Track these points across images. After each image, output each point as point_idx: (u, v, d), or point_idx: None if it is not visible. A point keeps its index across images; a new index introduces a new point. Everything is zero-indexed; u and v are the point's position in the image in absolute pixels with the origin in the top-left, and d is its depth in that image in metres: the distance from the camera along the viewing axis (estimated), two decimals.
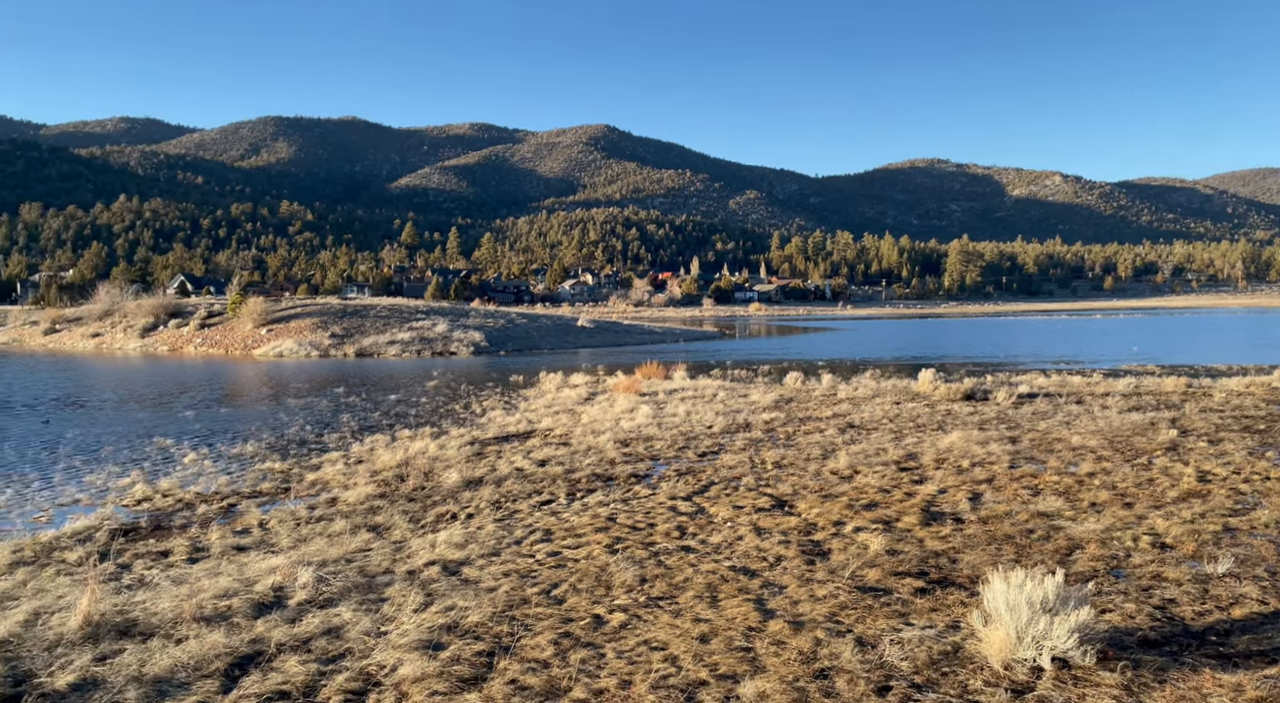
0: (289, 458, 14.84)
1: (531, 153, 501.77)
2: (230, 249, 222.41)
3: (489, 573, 7.74)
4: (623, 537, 8.92)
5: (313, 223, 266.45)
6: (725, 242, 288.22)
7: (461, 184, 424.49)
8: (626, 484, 11.80)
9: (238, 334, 48.39)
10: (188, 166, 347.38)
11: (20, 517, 10.82)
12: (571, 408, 20.17)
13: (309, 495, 11.77)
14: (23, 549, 8.92)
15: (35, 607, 6.86)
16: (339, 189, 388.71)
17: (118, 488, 12.40)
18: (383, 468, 13.27)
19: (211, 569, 8.05)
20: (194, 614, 6.59)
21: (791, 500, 10.35)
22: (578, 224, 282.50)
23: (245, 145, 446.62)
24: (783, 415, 17.89)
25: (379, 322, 49.82)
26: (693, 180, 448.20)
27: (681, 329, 69.80)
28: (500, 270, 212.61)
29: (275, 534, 9.49)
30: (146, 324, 52.87)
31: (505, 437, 16.38)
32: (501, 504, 10.69)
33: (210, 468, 13.98)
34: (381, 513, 10.35)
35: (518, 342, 50.19)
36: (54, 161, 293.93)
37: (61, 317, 60.50)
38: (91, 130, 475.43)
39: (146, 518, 10.59)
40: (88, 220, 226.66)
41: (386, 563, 8.14)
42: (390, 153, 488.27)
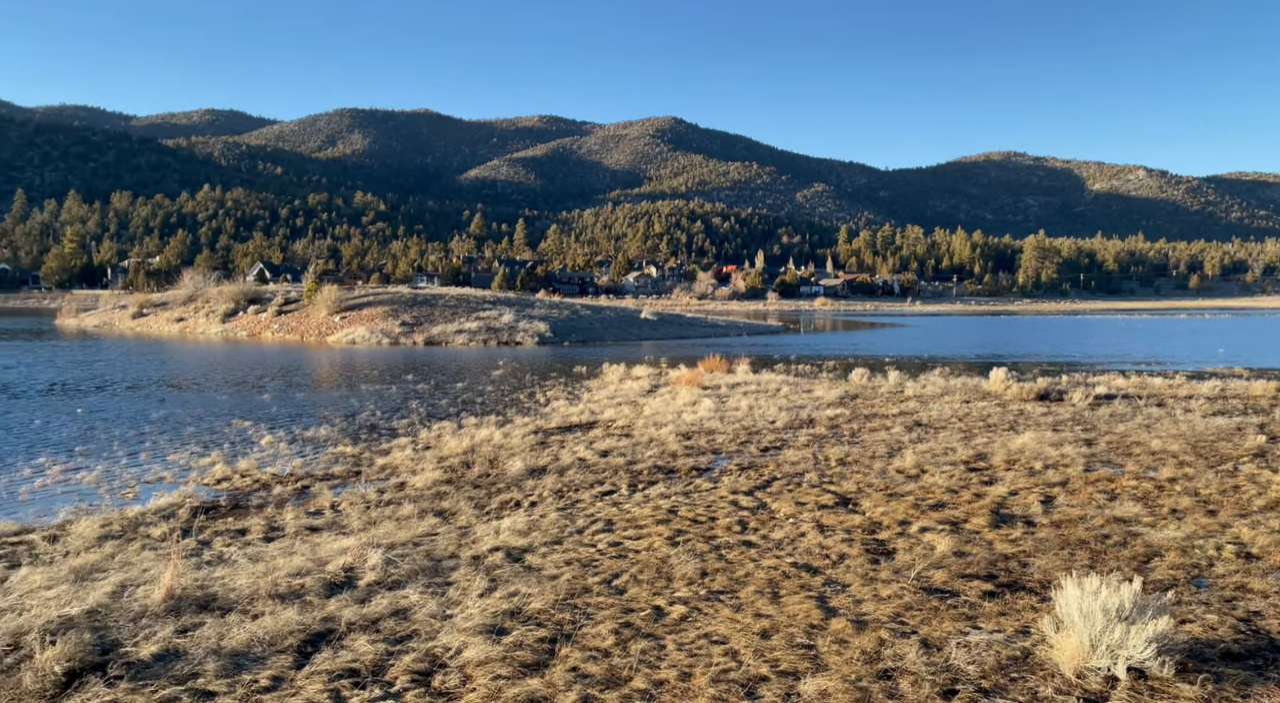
0: (360, 442, 15.23)
1: (598, 145, 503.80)
2: (307, 238, 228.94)
3: (551, 561, 7.83)
4: (684, 530, 8.92)
5: (385, 213, 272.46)
6: (791, 235, 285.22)
7: (529, 176, 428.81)
8: (688, 477, 11.80)
9: (312, 321, 49.82)
10: (268, 157, 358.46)
11: (109, 492, 11.35)
12: (634, 400, 20.24)
13: (378, 479, 12.08)
14: (111, 523, 9.36)
15: (122, 579, 7.19)
16: (411, 180, 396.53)
17: (199, 467, 12.91)
18: (449, 454, 13.53)
19: (286, 548, 8.32)
20: (269, 591, 6.83)
21: (856, 498, 10.21)
22: (643, 216, 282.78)
23: (322, 137, 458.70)
24: (847, 412, 17.65)
25: (447, 311, 50.71)
26: (759, 173, 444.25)
27: (745, 323, 69.35)
28: (565, 262, 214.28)
29: (346, 516, 9.76)
30: (227, 310, 54.82)
31: (568, 427, 16.52)
32: (564, 493, 10.80)
33: (286, 450, 14.44)
34: (448, 499, 10.55)
35: (581, 333, 50.53)
36: (143, 152, 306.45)
37: (148, 301, 63.14)
38: (178, 122, 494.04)
39: (226, 497, 11.00)
40: (174, 209, 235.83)
41: (452, 548, 8.30)
42: (461, 145, 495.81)
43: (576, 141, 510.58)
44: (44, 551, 8.31)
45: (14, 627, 6.02)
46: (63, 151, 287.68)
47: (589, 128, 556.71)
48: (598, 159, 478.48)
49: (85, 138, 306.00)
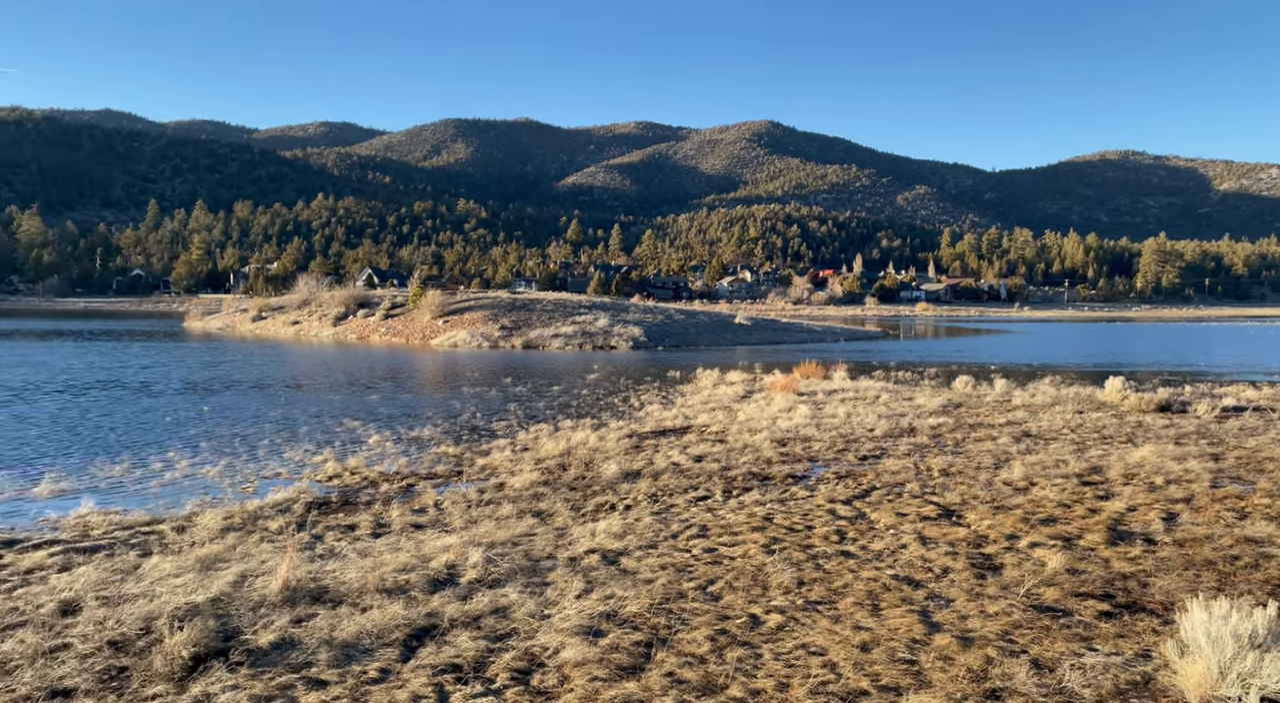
0: (461, 443, 15.65)
1: (694, 150, 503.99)
2: (412, 244, 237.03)
3: (646, 565, 7.86)
4: (779, 538, 8.82)
5: (486, 220, 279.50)
6: (891, 239, 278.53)
7: (625, 182, 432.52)
8: (783, 485, 11.65)
9: (417, 324, 51.53)
10: (377, 167, 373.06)
11: (231, 486, 12.00)
12: (728, 405, 20.13)
13: (479, 479, 12.38)
14: (233, 516, 9.90)
15: (242, 570, 7.59)
16: (511, 188, 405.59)
17: (312, 464, 13.51)
18: (546, 456, 13.76)
19: (392, 545, 8.62)
20: (377, 586, 7.09)
21: (960, 511, 9.88)
22: (737, 221, 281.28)
23: (428, 146, 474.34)
24: (951, 421, 17.10)
25: (544, 315, 51.62)
26: (858, 175, 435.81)
27: (842, 328, 68.07)
28: (660, 267, 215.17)
29: (448, 515, 10.04)
30: (338, 313, 57.27)
31: (662, 431, 16.56)
32: (658, 498, 10.83)
33: (392, 449, 14.97)
34: (545, 500, 10.72)
35: (675, 337, 50.61)
36: (263, 163, 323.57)
37: (267, 305, 66.56)
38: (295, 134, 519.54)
39: (337, 493, 11.48)
40: (290, 217, 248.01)
41: (549, 548, 8.44)
42: (559, 152, 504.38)
43: (672, 147, 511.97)
44: (172, 540, 8.86)
45: (146, 612, 6.43)
46: (192, 164, 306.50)
47: (684, 133, 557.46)
48: (693, 164, 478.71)
49: (212, 151, 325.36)
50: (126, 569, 7.76)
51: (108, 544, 8.75)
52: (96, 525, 9.55)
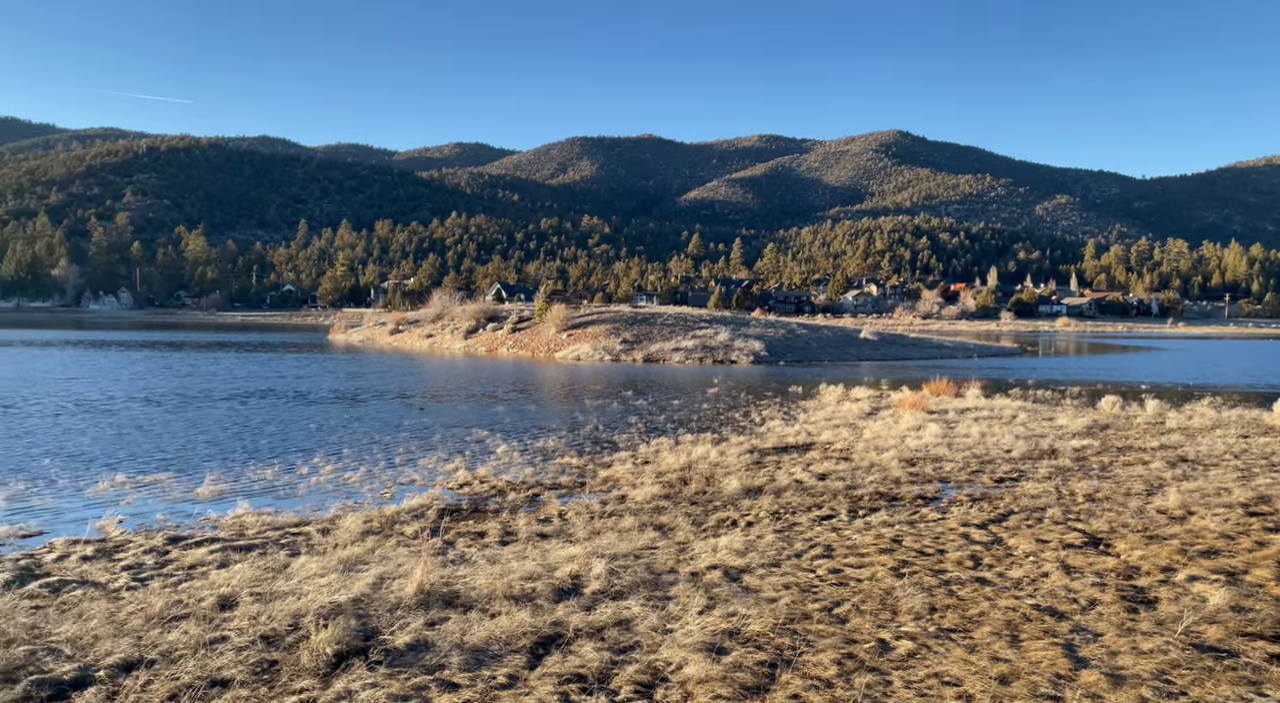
0: (584, 454, 15.92)
1: (818, 162, 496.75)
2: (538, 260, 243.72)
3: (769, 583, 7.75)
4: (909, 561, 8.51)
5: (609, 235, 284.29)
6: (1029, 250, 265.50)
7: (747, 195, 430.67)
8: (913, 506, 11.26)
9: (542, 338, 52.85)
10: (506, 186, 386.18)
11: (370, 492, 12.62)
12: (853, 422, 19.65)
13: (601, 491, 12.54)
14: (372, 520, 10.40)
15: (380, 572, 7.96)
16: (634, 203, 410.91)
17: (444, 472, 14.04)
18: (667, 470, 13.80)
19: (519, 553, 8.84)
20: (505, 593, 7.28)
21: (1108, 539, 9.27)
22: (863, 233, 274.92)
23: (554, 165, 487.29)
24: (1096, 443, 16.10)
25: (665, 329, 51.92)
26: (993, 185, 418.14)
27: (975, 344, 65.27)
28: (781, 280, 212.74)
29: (572, 525, 10.21)
30: (469, 327, 59.44)
31: (784, 447, 16.32)
32: (781, 515, 10.67)
33: (518, 459, 15.38)
34: (666, 514, 10.75)
35: (797, 352, 49.84)
36: (402, 184, 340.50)
37: (404, 319, 69.84)
38: (432, 156, 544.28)
39: (467, 501, 11.88)
40: (426, 235, 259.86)
41: (671, 562, 8.44)
42: (681, 167, 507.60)
43: (796, 160, 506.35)
44: (318, 542, 9.38)
45: (295, 609, 6.83)
46: (338, 185, 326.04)
47: (809, 145, 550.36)
48: (817, 176, 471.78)
49: (356, 173, 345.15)
50: (277, 568, 8.27)
51: (260, 543, 9.36)
52: (251, 525, 10.23)
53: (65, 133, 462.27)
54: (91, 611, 6.92)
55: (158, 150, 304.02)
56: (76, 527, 10.24)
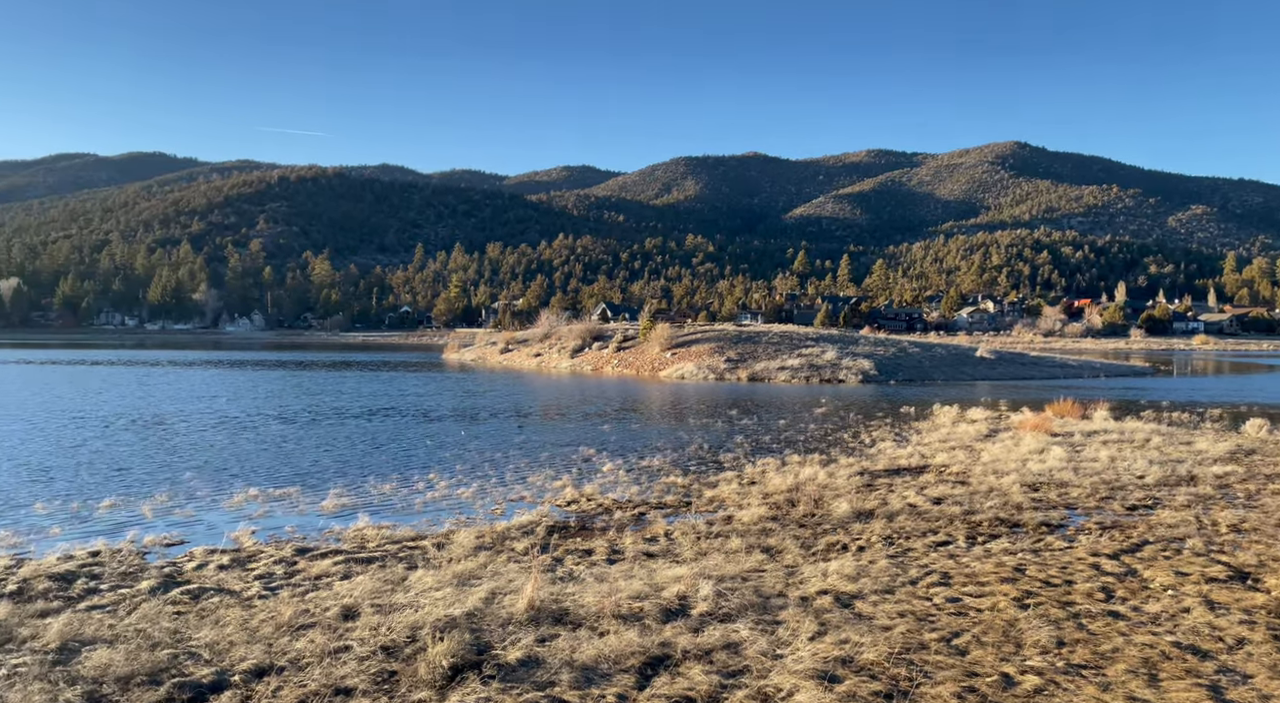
0: (689, 474, 15.88)
1: (930, 176, 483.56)
2: (643, 280, 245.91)
3: (883, 610, 7.52)
4: (1033, 591, 8.10)
5: (713, 254, 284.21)
6: (1161, 264, 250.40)
7: (855, 211, 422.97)
8: (1036, 533, 10.74)
9: (647, 357, 53.18)
10: (612, 207, 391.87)
11: (481, 508, 12.94)
12: (969, 444, 18.91)
13: (707, 511, 12.48)
14: (484, 536, 10.65)
15: (492, 587, 8.13)
16: (738, 221, 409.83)
17: (552, 489, 14.27)
18: (773, 491, 13.61)
19: (626, 572, 8.87)
20: (613, 611, 7.32)
21: (1256, 573, 8.59)
22: (978, 248, 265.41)
23: (659, 185, 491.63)
24: (1241, 470, 14.97)
25: (770, 347, 51.38)
26: (1120, 196, 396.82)
27: (1101, 363, 61.86)
28: (891, 297, 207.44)
29: (678, 545, 10.18)
30: (575, 346, 60.43)
31: (896, 470, 15.86)
32: (894, 540, 10.36)
33: (624, 478, 15.48)
34: (773, 536, 10.59)
35: (909, 371, 48.42)
36: (512, 207, 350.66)
37: (513, 338, 71.65)
38: (540, 179, 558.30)
39: (574, 518, 12.03)
40: (534, 256, 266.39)
41: (779, 586, 8.30)
42: (787, 184, 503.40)
43: (906, 174, 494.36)
44: (433, 556, 9.68)
45: (412, 621, 7.06)
46: (451, 210, 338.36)
47: (920, 159, 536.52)
48: (929, 190, 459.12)
49: (468, 197, 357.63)
50: (395, 580, 8.57)
51: (380, 556, 9.73)
52: (371, 538, 10.65)
53: (206, 166, 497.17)
54: (227, 617, 7.33)
55: (288, 180, 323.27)
56: (214, 537, 10.90)
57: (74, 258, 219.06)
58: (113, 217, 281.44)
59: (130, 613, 7.52)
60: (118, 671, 6.05)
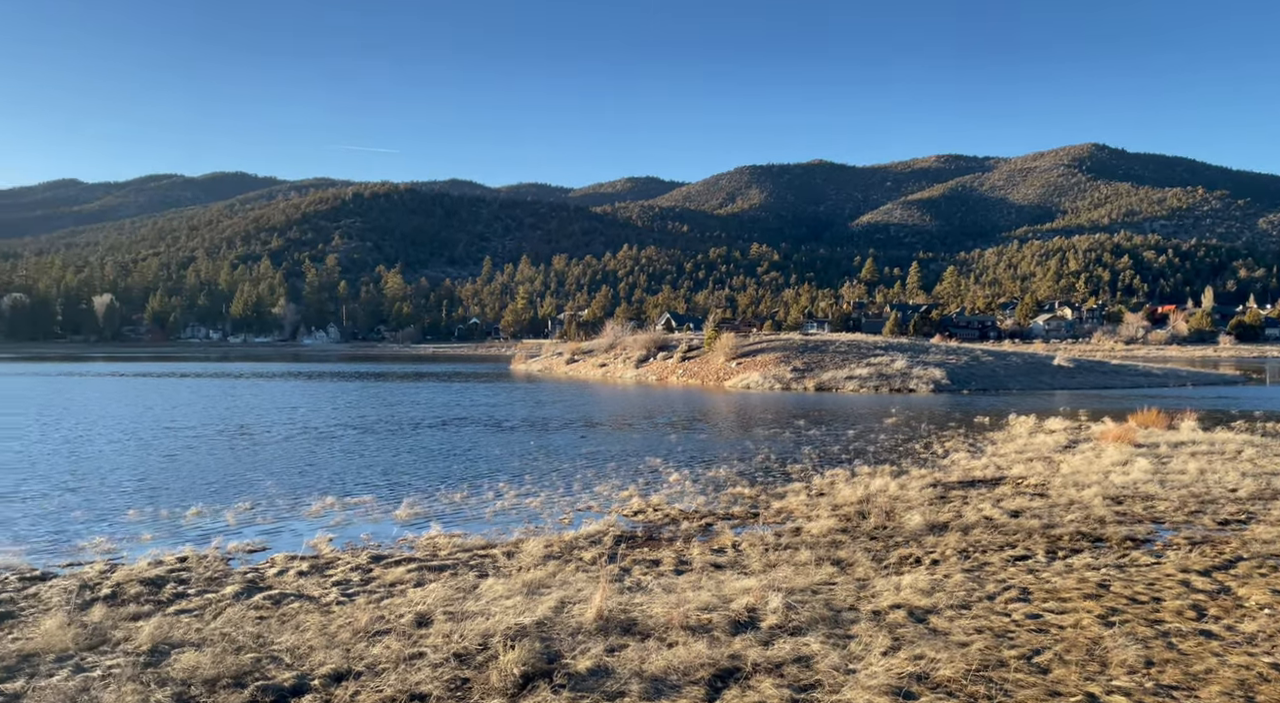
0: (756, 485, 15.76)
1: (1002, 180, 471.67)
2: (707, 289, 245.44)
3: (959, 626, 7.33)
4: (1119, 609, 7.80)
5: (778, 263, 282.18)
6: (1251, 268, 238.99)
7: (924, 217, 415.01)
8: (1121, 548, 10.34)
9: (711, 366, 53.00)
10: (676, 217, 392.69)
11: (550, 517, 13.06)
12: (1047, 455, 18.34)
13: (775, 522, 12.36)
14: (552, 545, 10.75)
15: (561, 596, 8.19)
16: (803, 230, 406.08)
17: (618, 499, 14.32)
18: (843, 503, 13.41)
19: (694, 583, 8.84)
20: (681, 622, 7.30)
21: None
22: (1054, 253, 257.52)
23: (723, 195, 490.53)
24: None
25: (837, 357, 50.70)
26: (1205, 198, 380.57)
27: (1188, 371, 59.30)
28: (963, 305, 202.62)
29: (746, 556, 10.11)
30: (640, 356, 60.61)
31: (970, 481, 15.47)
32: (969, 554, 10.10)
33: (690, 488, 15.44)
34: (843, 548, 10.43)
35: (982, 380, 47.18)
36: (577, 219, 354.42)
37: (578, 349, 72.25)
38: (604, 191, 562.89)
39: (641, 528, 12.05)
40: (599, 267, 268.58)
41: (851, 600, 8.17)
42: (853, 191, 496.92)
43: (978, 179, 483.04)
44: (503, 564, 9.80)
45: (483, 629, 7.16)
46: (518, 222, 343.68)
47: (991, 163, 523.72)
48: (1001, 195, 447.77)
49: (534, 210, 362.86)
50: (467, 588, 8.70)
51: (452, 564, 9.89)
52: (443, 547, 10.85)
53: (285, 184, 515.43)
54: (307, 623, 7.55)
55: (362, 196, 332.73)
56: (293, 544, 11.24)
57: (162, 274, 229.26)
58: (198, 234, 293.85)
59: (216, 617, 7.81)
60: (205, 673, 6.28)
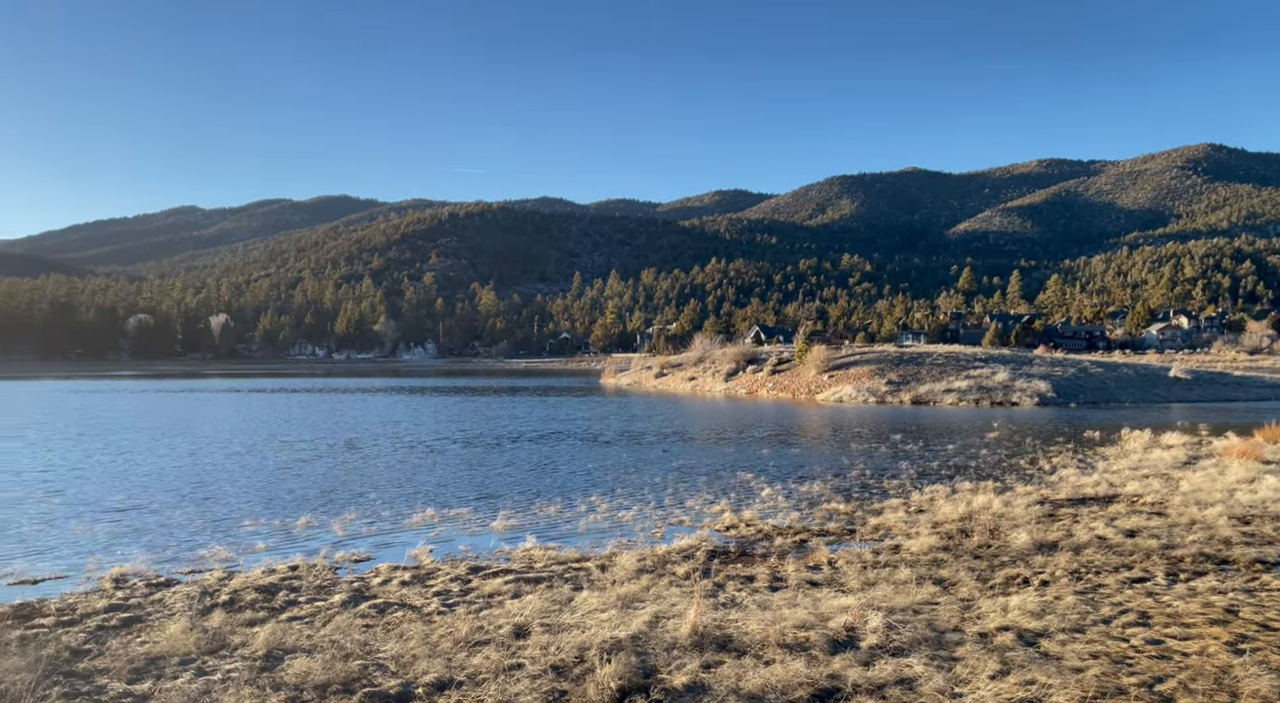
0: (851, 500, 15.44)
1: (1110, 184, 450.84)
2: (797, 301, 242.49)
3: (1072, 650, 6.99)
4: (1249, 635, 7.31)
5: (870, 273, 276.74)
6: None
7: (1025, 224, 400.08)
8: (1249, 571, 9.70)
9: (802, 380, 52.27)
10: (764, 229, 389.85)
11: (642, 531, 13.09)
12: (1165, 472, 17.36)
13: (872, 539, 12.07)
14: (645, 559, 10.76)
15: (655, 611, 8.19)
16: (897, 239, 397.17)
17: (710, 514, 14.25)
18: (944, 520, 13.01)
19: (789, 600, 8.71)
20: (777, 640, 7.19)
21: None
22: (1168, 259, 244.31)
23: (813, 205, 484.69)
24: None
25: (934, 369, 49.28)
26: None
27: None
28: (1068, 314, 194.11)
29: (843, 574, 9.90)
30: (729, 370, 60.28)
31: (1081, 499, 14.79)
32: (1081, 575, 9.63)
33: (783, 503, 15.24)
34: (945, 567, 10.11)
35: (1091, 393, 45.08)
36: (665, 233, 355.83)
37: (667, 363, 72.38)
38: (692, 205, 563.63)
39: (734, 544, 11.95)
40: (687, 281, 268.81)
41: (955, 620, 7.90)
42: (949, 199, 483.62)
43: (1082, 183, 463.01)
44: (597, 577, 9.87)
45: (579, 641, 7.21)
46: (607, 238, 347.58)
47: (1097, 166, 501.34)
48: (1109, 199, 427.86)
49: (623, 225, 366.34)
50: (562, 601, 8.80)
51: (547, 576, 10.02)
52: (538, 559, 11.00)
53: (385, 206, 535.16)
54: (410, 632, 7.77)
55: (457, 216, 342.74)
56: (396, 554, 11.59)
57: (272, 294, 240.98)
58: (305, 256, 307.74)
59: (325, 625, 8.11)
60: (316, 679, 6.52)
